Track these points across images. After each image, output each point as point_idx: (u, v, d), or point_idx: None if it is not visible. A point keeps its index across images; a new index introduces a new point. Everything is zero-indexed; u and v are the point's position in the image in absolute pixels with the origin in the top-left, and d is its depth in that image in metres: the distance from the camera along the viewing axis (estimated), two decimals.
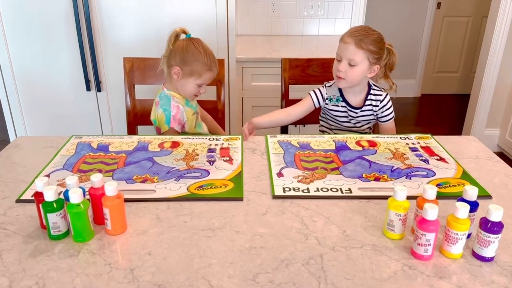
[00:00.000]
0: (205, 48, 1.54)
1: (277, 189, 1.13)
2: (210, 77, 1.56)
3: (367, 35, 1.49)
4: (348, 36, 1.50)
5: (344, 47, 1.50)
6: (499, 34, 2.91)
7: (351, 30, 1.52)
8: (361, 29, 1.51)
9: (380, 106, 1.61)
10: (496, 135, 3.22)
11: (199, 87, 1.56)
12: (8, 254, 0.90)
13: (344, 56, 1.50)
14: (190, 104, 1.61)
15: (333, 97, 1.63)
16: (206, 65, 1.52)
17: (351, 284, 0.82)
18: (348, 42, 1.49)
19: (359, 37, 1.48)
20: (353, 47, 1.48)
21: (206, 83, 1.57)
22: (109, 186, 0.92)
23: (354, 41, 1.48)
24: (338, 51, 1.53)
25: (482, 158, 1.35)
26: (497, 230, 0.86)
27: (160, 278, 0.83)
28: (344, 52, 1.50)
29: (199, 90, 1.56)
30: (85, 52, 2.09)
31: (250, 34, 3.02)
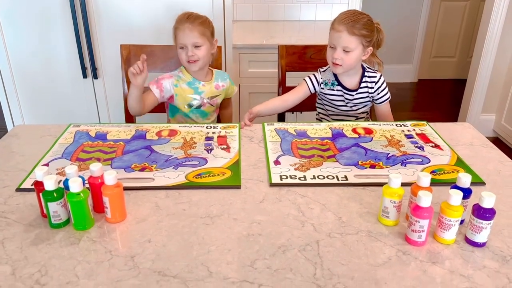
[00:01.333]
0: (184, 12, 1.57)
1: (274, 177, 1.15)
2: (181, 35, 1.53)
3: (357, 20, 1.48)
4: (339, 23, 1.49)
5: (337, 35, 1.49)
6: (496, 19, 2.91)
7: (341, 17, 1.50)
8: (350, 15, 1.50)
9: (376, 88, 1.62)
10: (492, 120, 3.24)
11: (182, 49, 1.54)
12: (10, 242, 0.91)
13: (338, 44, 1.50)
14: (195, 86, 1.62)
15: (328, 81, 1.63)
16: (176, 23, 1.54)
17: (347, 270, 0.84)
18: (340, 30, 1.48)
19: (350, 23, 1.47)
20: (346, 35, 1.47)
21: (185, 43, 1.53)
22: (109, 175, 0.93)
23: (346, 28, 1.47)
24: (331, 39, 1.53)
25: (476, 145, 1.37)
26: (489, 216, 0.88)
27: (160, 265, 0.85)
28: (338, 40, 1.49)
29: (184, 53, 1.54)
30: (81, 39, 2.08)
31: (247, 19, 3.00)
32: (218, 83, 1.67)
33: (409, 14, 4.09)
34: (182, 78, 1.62)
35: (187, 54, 1.54)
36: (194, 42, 1.53)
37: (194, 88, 1.62)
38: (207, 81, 1.65)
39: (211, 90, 1.65)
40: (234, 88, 1.77)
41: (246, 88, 2.49)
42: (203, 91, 1.63)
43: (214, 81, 1.66)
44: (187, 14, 1.57)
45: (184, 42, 1.53)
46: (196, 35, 1.53)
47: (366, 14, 1.52)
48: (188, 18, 1.54)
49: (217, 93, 1.67)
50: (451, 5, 4.13)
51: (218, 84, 1.67)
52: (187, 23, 1.53)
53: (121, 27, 2.08)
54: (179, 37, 1.54)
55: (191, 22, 1.53)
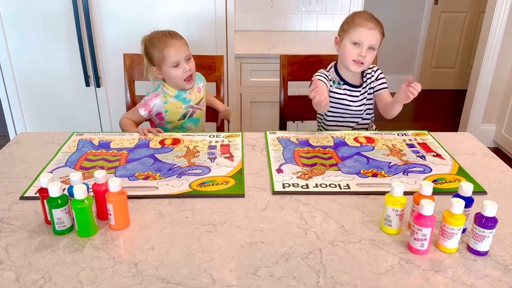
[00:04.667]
0: (153, 33, 1.56)
1: (277, 185, 1.16)
2: (174, 52, 1.52)
3: (378, 20, 1.49)
4: (369, 20, 1.47)
5: (369, 33, 1.46)
6: (496, 30, 2.93)
7: (366, 15, 1.48)
8: (370, 14, 1.49)
9: (375, 76, 1.62)
10: (492, 130, 3.25)
11: (177, 68, 1.54)
12: (14, 248, 0.92)
13: (367, 41, 1.47)
14: (183, 97, 1.62)
15: (335, 79, 1.61)
16: (160, 45, 1.52)
17: (350, 278, 0.85)
18: (373, 28, 1.46)
19: (377, 21, 1.47)
20: (377, 33, 1.47)
21: (179, 59, 1.53)
22: (113, 182, 0.94)
23: (377, 27, 1.47)
24: (359, 36, 1.47)
25: (477, 154, 1.38)
26: (491, 225, 0.88)
27: (164, 272, 0.86)
28: (368, 39, 1.47)
29: (181, 70, 1.54)
30: (84, 47, 2.10)
31: (249, 29, 3.02)
32: (198, 85, 1.68)
33: (409, 24, 4.13)
34: (168, 93, 1.61)
35: (184, 70, 1.54)
36: (187, 55, 1.55)
37: (182, 99, 1.62)
38: (190, 88, 1.64)
39: (196, 95, 1.66)
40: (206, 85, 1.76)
41: (248, 97, 2.51)
42: (190, 99, 1.64)
43: (195, 85, 1.67)
44: (163, 32, 1.55)
45: (178, 59, 1.53)
46: (186, 48, 1.56)
47: None
48: (170, 35, 1.54)
49: (201, 96, 1.69)
50: (451, 16, 4.17)
51: (199, 87, 1.68)
52: (173, 40, 1.53)
53: (124, 36, 2.10)
54: (170, 55, 1.52)
55: (175, 37, 1.54)
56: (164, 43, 1.52)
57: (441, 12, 4.14)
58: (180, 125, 1.66)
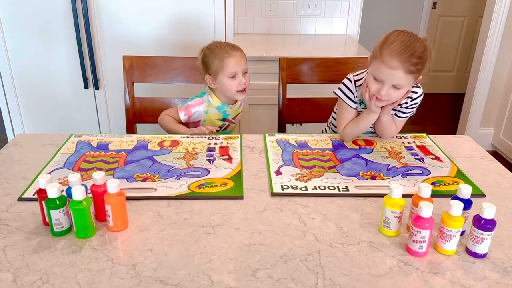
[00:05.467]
0: (215, 42, 1.55)
1: (276, 187, 1.15)
2: (234, 62, 1.51)
3: (413, 51, 1.21)
4: (392, 56, 1.21)
5: (390, 73, 1.23)
6: (494, 34, 2.95)
7: (394, 48, 1.21)
8: (405, 45, 1.21)
9: (409, 104, 1.42)
10: (490, 134, 3.26)
11: (234, 79, 1.52)
12: (11, 250, 0.91)
13: (388, 81, 1.25)
14: (224, 110, 1.60)
15: (362, 98, 1.41)
16: (221, 54, 1.51)
17: (348, 280, 0.84)
18: (394, 68, 1.22)
19: (406, 57, 1.21)
20: (401, 74, 1.22)
21: (237, 70, 1.52)
22: (111, 184, 0.94)
23: (401, 65, 1.21)
24: (379, 73, 1.26)
25: (476, 157, 1.38)
26: (490, 227, 0.88)
27: (162, 273, 0.85)
28: (389, 78, 1.24)
29: (237, 82, 1.52)
30: (83, 49, 2.10)
31: (248, 32, 3.03)
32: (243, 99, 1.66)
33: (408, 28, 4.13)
34: (212, 103, 1.59)
35: (240, 82, 1.53)
36: (245, 69, 1.55)
37: (223, 112, 1.61)
38: (234, 102, 1.63)
39: (237, 109, 1.65)
40: None
41: (247, 100, 2.49)
42: (230, 114, 1.63)
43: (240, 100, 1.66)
44: (227, 43, 1.55)
45: (236, 70, 1.51)
46: (245, 62, 1.55)
47: (420, 38, 1.26)
48: (233, 46, 1.54)
49: (240, 110, 1.68)
50: (449, 20, 4.19)
51: (241, 102, 1.67)
52: (235, 51, 1.52)
53: (123, 38, 2.10)
54: (230, 66, 1.50)
55: (237, 49, 1.54)
56: (226, 52, 1.51)
57: (439, 16, 4.16)
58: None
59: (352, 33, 3.04)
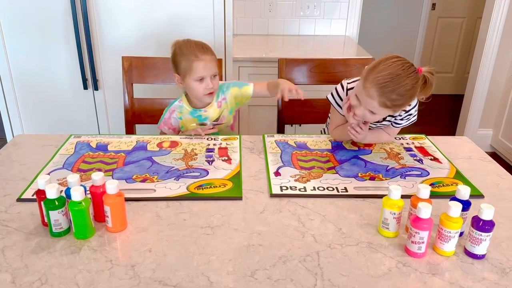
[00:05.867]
0: (187, 42, 1.50)
1: (275, 188, 1.16)
2: (202, 67, 1.45)
3: (396, 86, 1.17)
4: (373, 87, 1.19)
5: (366, 99, 1.23)
6: (493, 35, 2.95)
7: (378, 78, 1.18)
8: (390, 78, 1.17)
9: (402, 116, 1.40)
10: (489, 135, 3.26)
11: (201, 82, 1.47)
12: (10, 250, 0.91)
13: (364, 105, 1.25)
14: (198, 115, 1.55)
15: None
16: (190, 56, 1.45)
17: (347, 280, 0.85)
18: (371, 97, 1.21)
19: (385, 91, 1.18)
20: (376, 104, 1.22)
21: (205, 75, 1.46)
22: (110, 184, 0.94)
23: (378, 99, 1.20)
24: (359, 94, 1.26)
25: (475, 158, 1.38)
26: (489, 228, 0.89)
27: (161, 274, 0.85)
28: (365, 103, 1.24)
29: (204, 85, 1.47)
30: (83, 50, 2.10)
31: (247, 33, 3.03)
32: (219, 100, 1.59)
33: (407, 30, 4.15)
34: (184, 109, 1.56)
35: (207, 87, 1.47)
36: (213, 73, 1.48)
37: (197, 116, 1.56)
38: (207, 105, 1.56)
39: (215, 111, 1.57)
40: (247, 88, 1.64)
41: None
42: (207, 117, 1.57)
43: (215, 101, 1.58)
44: (196, 43, 1.50)
45: (203, 74, 1.46)
46: (214, 66, 1.49)
47: (416, 71, 1.19)
48: (203, 48, 1.48)
49: (221, 111, 1.59)
50: (448, 21, 4.19)
51: (220, 102, 1.60)
52: (204, 55, 1.46)
53: (123, 39, 2.10)
54: (197, 70, 1.45)
55: (207, 52, 1.48)
56: (195, 55, 1.45)
57: (438, 17, 4.16)
58: None
59: (351, 35, 3.05)
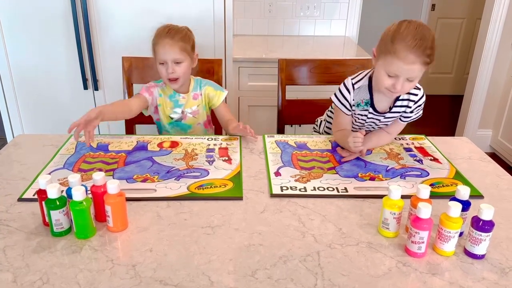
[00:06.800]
0: (163, 26, 1.52)
1: (275, 188, 1.16)
2: (161, 50, 1.47)
3: (426, 42, 1.18)
4: (410, 52, 1.18)
5: (407, 68, 1.20)
6: (492, 36, 2.96)
7: (409, 43, 1.18)
8: (417, 38, 1.18)
9: (413, 108, 1.40)
10: (488, 135, 3.27)
11: (163, 66, 1.49)
12: (11, 250, 0.91)
13: (403, 75, 1.22)
14: (176, 99, 1.59)
15: (361, 101, 1.39)
16: (156, 38, 1.48)
17: (347, 280, 0.85)
18: (412, 63, 1.19)
19: (421, 50, 1.18)
20: (418, 67, 1.20)
21: (165, 58, 1.48)
22: (111, 184, 0.94)
23: (419, 60, 1.19)
24: (393, 69, 1.22)
25: (474, 159, 1.38)
26: (488, 228, 0.89)
27: (162, 274, 0.86)
28: (406, 73, 1.22)
29: (164, 69, 1.49)
30: (83, 50, 2.10)
31: (247, 34, 3.04)
32: (196, 92, 1.62)
33: None
34: (165, 90, 1.60)
35: (167, 71, 1.49)
36: (174, 59, 1.48)
37: (175, 101, 1.59)
38: (185, 92, 1.60)
39: (190, 101, 1.60)
40: (220, 94, 1.63)
41: (246, 101, 2.51)
42: (183, 104, 1.60)
43: (192, 91, 1.61)
44: (167, 28, 1.51)
45: (164, 58, 1.48)
46: (177, 51, 1.48)
47: (428, 27, 1.23)
48: (168, 32, 1.48)
49: (196, 103, 1.62)
50: (448, 22, 4.20)
51: (196, 94, 1.61)
52: (167, 38, 1.47)
53: (123, 39, 2.11)
54: (159, 53, 1.48)
55: (171, 37, 1.47)
56: (160, 37, 1.48)
57: (438, 18, 4.17)
58: (168, 124, 1.62)
59: (351, 35, 3.05)
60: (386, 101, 1.39)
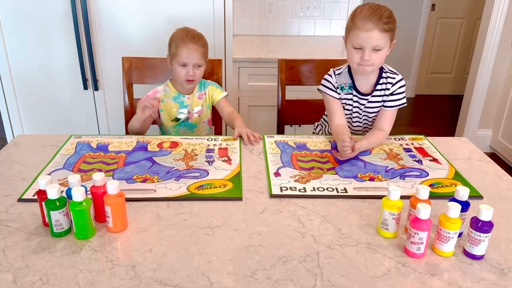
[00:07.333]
0: (184, 29, 1.58)
1: (275, 189, 1.16)
2: (186, 53, 1.53)
3: (382, 13, 1.32)
4: (365, 20, 1.31)
5: (366, 35, 1.32)
6: (492, 36, 2.96)
7: (364, 13, 1.32)
8: (373, 9, 1.33)
9: (391, 91, 1.46)
10: (488, 135, 3.27)
11: (183, 67, 1.55)
12: (11, 250, 0.92)
13: (367, 44, 1.33)
14: (181, 100, 1.64)
15: (345, 85, 1.49)
16: (178, 41, 1.54)
17: (347, 281, 0.85)
18: (369, 29, 1.31)
19: (377, 18, 1.31)
20: (377, 33, 1.32)
21: (187, 61, 1.55)
22: (111, 185, 0.94)
23: (376, 25, 1.31)
24: (357, 40, 1.34)
25: (474, 159, 1.38)
26: (487, 229, 0.89)
27: (161, 274, 0.86)
28: (367, 41, 1.33)
29: (185, 71, 1.55)
30: (83, 50, 2.10)
31: (247, 34, 3.04)
32: (201, 92, 1.68)
33: (407, 30, 4.15)
34: (168, 93, 1.65)
35: (187, 73, 1.56)
36: (197, 63, 1.56)
37: (180, 102, 1.64)
38: (190, 93, 1.66)
39: (195, 101, 1.67)
40: (220, 92, 1.69)
41: (246, 101, 2.52)
42: (188, 104, 1.65)
43: (197, 92, 1.67)
44: (190, 32, 1.58)
45: (187, 61, 1.55)
46: (200, 57, 1.56)
47: (383, 5, 1.36)
48: (193, 37, 1.56)
49: (201, 103, 1.68)
50: (447, 22, 4.20)
51: (201, 94, 1.68)
52: (191, 43, 1.54)
53: (123, 39, 2.11)
54: (181, 55, 1.54)
55: (195, 42, 1.55)
56: (183, 41, 1.54)
57: (438, 18, 4.17)
58: (174, 126, 1.67)
59: None
60: (367, 83, 1.48)
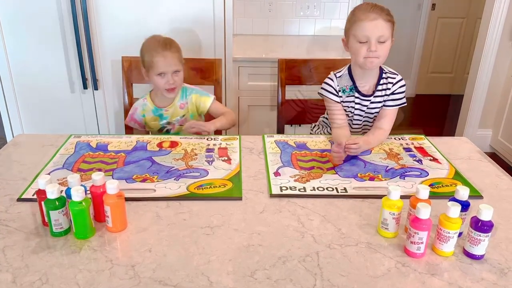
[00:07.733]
0: (152, 37, 1.57)
1: (274, 188, 1.16)
2: (162, 62, 1.51)
3: (381, 6, 1.37)
4: (369, 12, 1.35)
5: (372, 24, 1.34)
6: (492, 36, 2.95)
7: (366, 7, 1.36)
8: (371, 4, 1.37)
9: (392, 90, 1.47)
10: (488, 135, 3.26)
11: (162, 77, 1.53)
12: (11, 250, 0.91)
13: (373, 34, 1.34)
14: (160, 113, 1.63)
15: (346, 87, 1.49)
16: (152, 51, 1.52)
17: (346, 281, 0.85)
18: (374, 18, 1.34)
19: (379, 9, 1.35)
20: (382, 22, 1.34)
21: (165, 70, 1.52)
22: (111, 184, 0.94)
23: (381, 16, 1.34)
24: (363, 31, 1.35)
25: (474, 159, 1.38)
26: (487, 229, 0.89)
27: (161, 274, 0.86)
28: (374, 31, 1.34)
29: (164, 80, 1.53)
30: (83, 50, 2.10)
31: (247, 33, 3.03)
32: (182, 101, 1.65)
33: (407, 30, 4.15)
34: (147, 107, 1.64)
35: (168, 82, 1.54)
36: (175, 69, 1.54)
37: (159, 115, 1.64)
38: (169, 105, 1.63)
39: (176, 111, 1.64)
40: (206, 99, 1.66)
41: (245, 100, 2.51)
42: (168, 116, 1.64)
43: (178, 101, 1.64)
44: (160, 40, 1.55)
45: (164, 70, 1.52)
46: (176, 62, 1.55)
47: None
48: (165, 44, 1.53)
49: (183, 112, 1.65)
50: (448, 22, 4.20)
51: (183, 103, 1.65)
52: (165, 51, 1.52)
53: (123, 39, 2.10)
54: (158, 65, 1.51)
55: (169, 49, 1.53)
56: (156, 51, 1.52)
57: (438, 17, 4.17)
58: (162, 134, 1.67)
59: None
60: (368, 84, 1.48)
